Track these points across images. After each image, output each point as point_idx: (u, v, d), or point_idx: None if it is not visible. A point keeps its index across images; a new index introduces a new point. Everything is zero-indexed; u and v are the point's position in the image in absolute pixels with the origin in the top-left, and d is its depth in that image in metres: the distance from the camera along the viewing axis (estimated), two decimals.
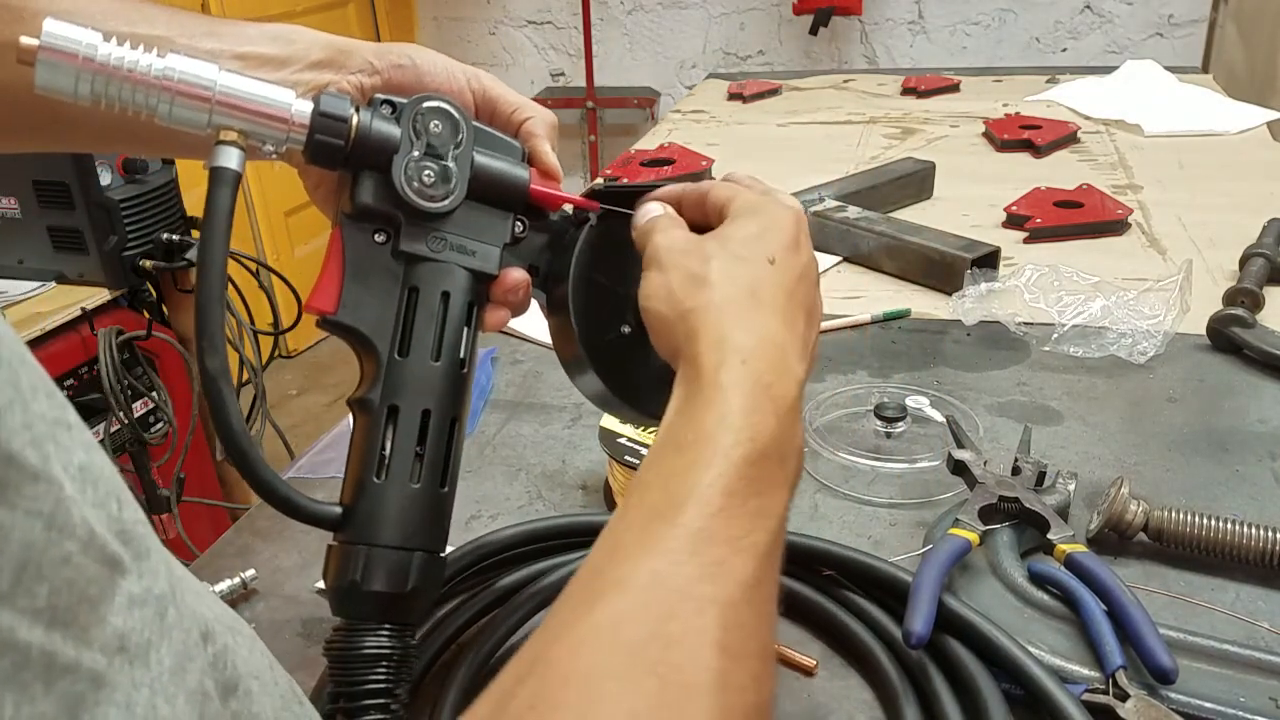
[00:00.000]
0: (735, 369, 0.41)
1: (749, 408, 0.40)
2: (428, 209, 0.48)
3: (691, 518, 0.37)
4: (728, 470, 0.38)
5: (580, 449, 0.81)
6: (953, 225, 1.16)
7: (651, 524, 0.37)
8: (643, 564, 0.36)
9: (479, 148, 0.50)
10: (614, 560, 0.37)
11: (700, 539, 0.36)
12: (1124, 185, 1.41)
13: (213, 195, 0.43)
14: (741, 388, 0.40)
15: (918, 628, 0.52)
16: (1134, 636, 0.53)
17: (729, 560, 0.36)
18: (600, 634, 0.34)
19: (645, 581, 0.35)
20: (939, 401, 0.83)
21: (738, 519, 0.37)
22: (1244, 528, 0.62)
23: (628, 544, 0.37)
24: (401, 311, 0.48)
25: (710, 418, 0.40)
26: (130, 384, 1.59)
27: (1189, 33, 3.11)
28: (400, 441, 0.46)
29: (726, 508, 0.37)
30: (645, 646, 0.34)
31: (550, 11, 3.66)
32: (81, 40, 0.40)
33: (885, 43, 3.37)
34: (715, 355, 0.41)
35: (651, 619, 0.34)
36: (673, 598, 0.35)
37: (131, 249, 1.60)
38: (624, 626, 0.34)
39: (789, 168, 1.51)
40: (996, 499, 0.64)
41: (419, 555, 0.46)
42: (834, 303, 1.08)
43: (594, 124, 3.56)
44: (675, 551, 0.36)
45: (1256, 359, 0.90)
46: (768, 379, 0.41)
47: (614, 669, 0.33)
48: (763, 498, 0.39)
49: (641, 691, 0.32)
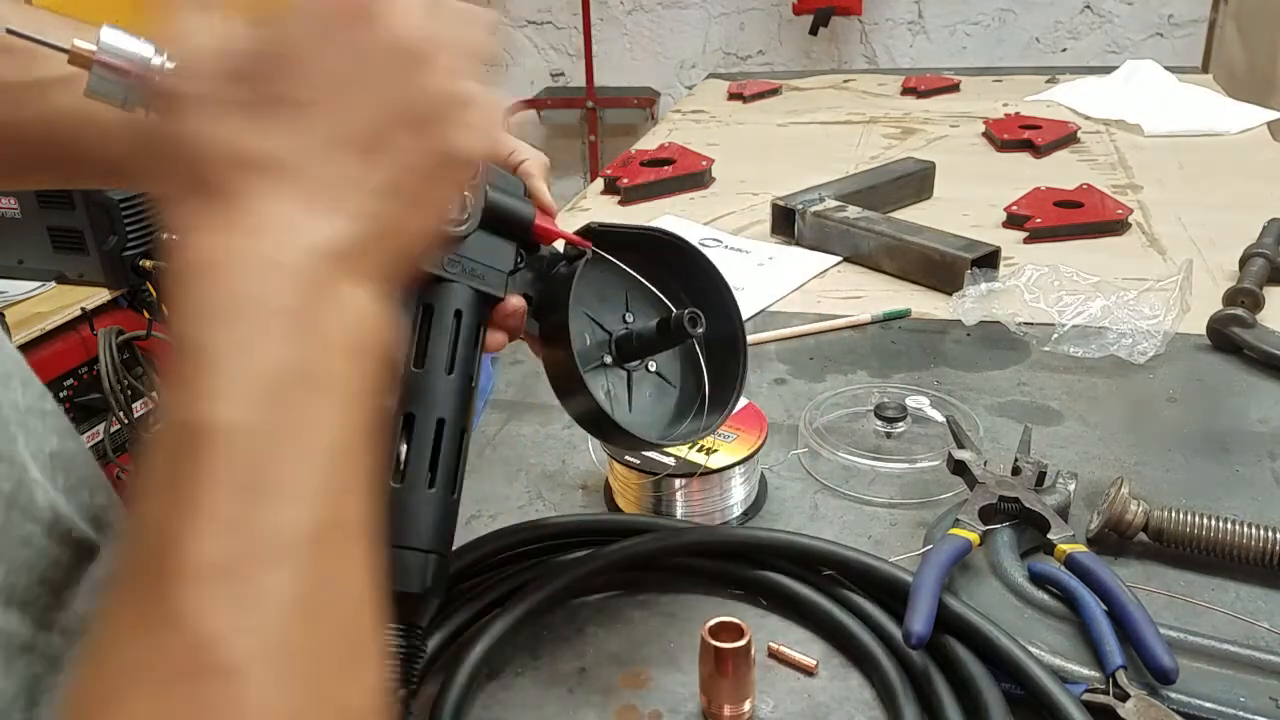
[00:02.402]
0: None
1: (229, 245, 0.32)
2: (447, 233, 0.50)
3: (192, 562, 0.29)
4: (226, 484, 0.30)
5: (580, 449, 0.81)
6: (953, 225, 1.16)
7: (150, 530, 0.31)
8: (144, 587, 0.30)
9: (489, 182, 0.53)
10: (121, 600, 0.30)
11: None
12: (1124, 185, 1.41)
13: None
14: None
15: (918, 628, 0.52)
16: (1134, 636, 0.53)
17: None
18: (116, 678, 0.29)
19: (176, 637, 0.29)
20: (939, 401, 0.83)
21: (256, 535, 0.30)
22: (1244, 528, 0.62)
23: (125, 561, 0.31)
24: (417, 326, 0.50)
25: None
26: (130, 384, 1.59)
27: (1189, 33, 3.11)
28: (416, 448, 0.48)
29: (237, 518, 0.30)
30: (168, 669, 0.28)
31: (550, 11, 3.66)
32: (136, 52, 0.40)
33: (885, 43, 3.37)
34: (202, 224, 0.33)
35: (166, 636, 0.28)
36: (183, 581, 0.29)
37: (131, 249, 1.60)
38: (136, 671, 0.29)
39: (789, 168, 1.51)
40: (996, 499, 0.64)
41: (433, 557, 0.48)
42: (834, 303, 1.08)
43: (594, 124, 3.56)
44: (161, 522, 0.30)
45: (1256, 359, 0.90)
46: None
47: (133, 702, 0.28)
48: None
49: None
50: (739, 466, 0.69)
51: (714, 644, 0.52)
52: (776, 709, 0.55)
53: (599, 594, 0.64)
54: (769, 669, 0.58)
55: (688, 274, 0.61)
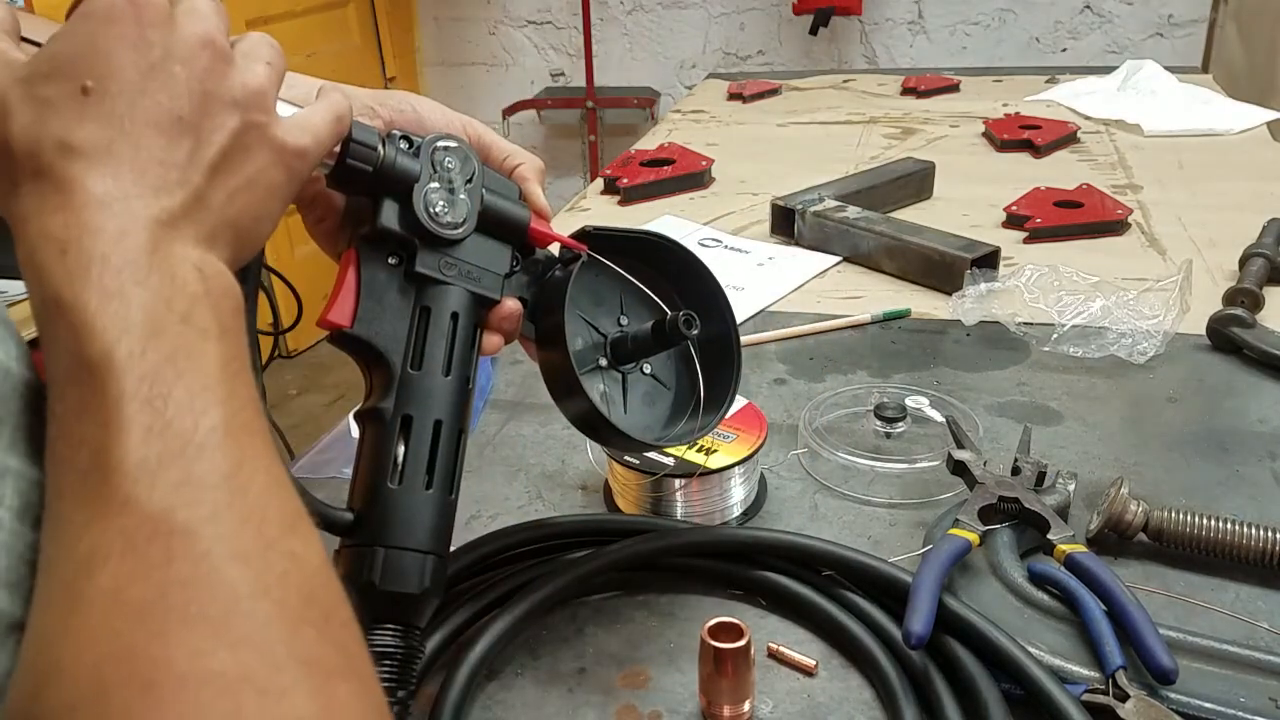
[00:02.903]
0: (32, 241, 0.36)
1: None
2: (444, 236, 0.51)
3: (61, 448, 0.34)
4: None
5: (580, 449, 0.81)
6: (953, 225, 1.16)
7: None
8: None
9: (485, 186, 0.53)
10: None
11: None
12: (1124, 185, 1.41)
13: None
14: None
15: (918, 628, 0.52)
16: (1134, 637, 0.53)
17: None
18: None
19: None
20: (939, 401, 0.83)
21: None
22: (1244, 528, 0.62)
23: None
24: (414, 329, 0.51)
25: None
26: None
27: (1189, 33, 3.10)
28: (414, 449, 0.49)
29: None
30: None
31: (550, 11, 3.66)
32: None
33: (885, 43, 3.37)
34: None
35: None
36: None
37: None
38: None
39: (789, 168, 1.51)
40: (996, 499, 0.64)
41: (431, 558, 0.48)
42: (834, 303, 1.08)
43: (594, 124, 3.56)
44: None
45: (1256, 359, 0.90)
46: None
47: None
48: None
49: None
50: (738, 467, 0.69)
51: (714, 644, 0.52)
52: (776, 709, 0.55)
53: (599, 594, 0.64)
54: (769, 669, 0.58)
55: (682, 276, 0.62)
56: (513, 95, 3.65)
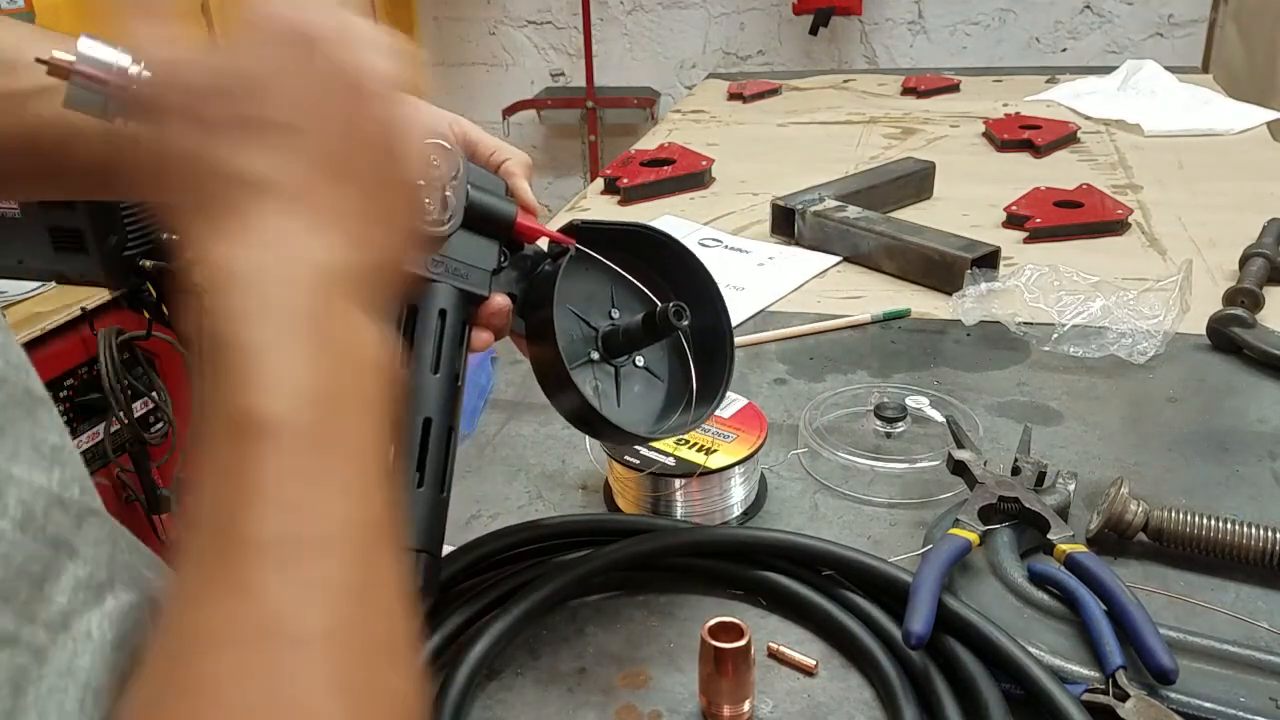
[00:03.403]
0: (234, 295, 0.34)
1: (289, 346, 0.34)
2: (429, 234, 0.51)
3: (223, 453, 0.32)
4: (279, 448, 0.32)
5: (580, 449, 0.81)
6: (953, 225, 1.16)
7: (214, 509, 0.32)
8: (212, 562, 0.31)
9: (470, 182, 0.53)
10: (191, 565, 0.32)
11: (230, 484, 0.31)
12: (1124, 185, 1.41)
13: None
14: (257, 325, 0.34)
15: (918, 628, 0.52)
16: (1134, 636, 0.53)
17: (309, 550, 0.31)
18: (200, 649, 0.30)
19: (231, 609, 0.31)
20: (939, 401, 0.83)
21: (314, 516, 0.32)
22: (1244, 528, 0.62)
23: (195, 530, 0.32)
24: (402, 328, 0.51)
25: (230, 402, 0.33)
26: (130, 384, 1.59)
27: (1189, 33, 3.10)
28: (404, 448, 0.48)
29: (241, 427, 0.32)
30: (232, 632, 0.30)
31: (550, 11, 3.66)
32: (114, 61, 0.40)
33: (885, 43, 3.37)
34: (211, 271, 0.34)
35: (240, 607, 0.30)
36: (244, 549, 0.30)
37: (131, 249, 1.60)
38: (226, 642, 0.30)
39: (789, 168, 1.51)
40: (996, 499, 0.64)
41: (423, 556, 0.48)
42: (834, 303, 1.08)
43: (594, 124, 3.56)
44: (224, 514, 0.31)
45: (1256, 359, 0.90)
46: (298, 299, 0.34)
47: (219, 686, 0.29)
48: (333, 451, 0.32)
49: (242, 675, 0.29)
50: (738, 466, 0.69)
51: (714, 644, 0.52)
52: (776, 709, 0.55)
53: (599, 594, 0.64)
54: (769, 669, 0.58)
55: (672, 269, 0.61)
56: (513, 95, 3.65)
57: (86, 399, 1.56)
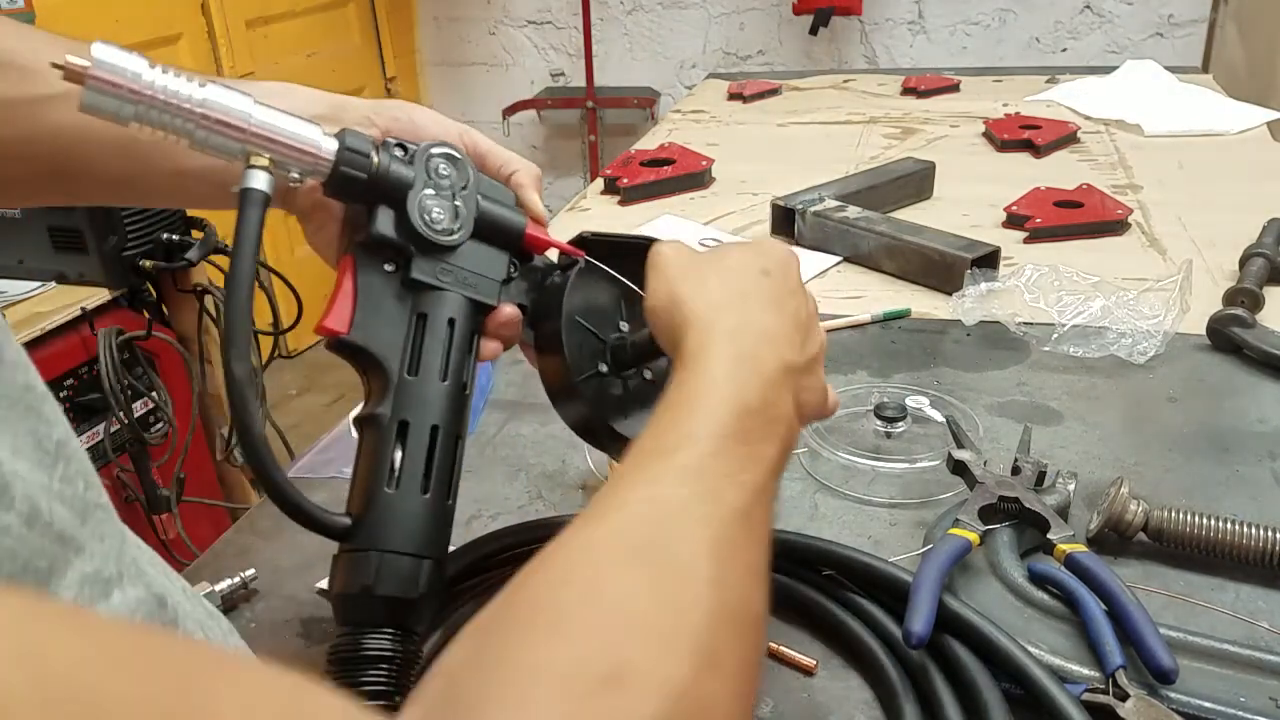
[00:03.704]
0: (720, 343, 0.46)
1: (733, 372, 0.44)
2: (440, 242, 0.51)
3: (684, 455, 0.41)
4: (716, 419, 0.42)
5: (580, 449, 0.81)
6: (953, 225, 1.16)
7: (646, 462, 0.41)
8: (639, 491, 0.40)
9: (480, 192, 0.53)
10: (611, 493, 0.40)
11: (693, 471, 0.40)
12: (1124, 185, 1.41)
13: (243, 214, 0.45)
14: (725, 356, 0.45)
15: (918, 628, 0.52)
16: (1134, 636, 0.53)
17: (721, 489, 0.40)
18: (600, 540, 0.38)
19: (642, 502, 0.39)
20: (939, 401, 0.83)
21: (727, 459, 0.41)
22: (1244, 528, 0.62)
23: (624, 480, 0.41)
24: (411, 335, 0.51)
25: (698, 381, 0.44)
26: (130, 384, 1.59)
27: (1189, 33, 3.10)
28: (411, 454, 0.49)
29: (717, 449, 0.41)
30: (644, 547, 0.37)
31: (550, 11, 3.66)
32: (128, 66, 0.42)
33: (885, 43, 3.37)
34: (702, 336, 0.46)
35: (649, 527, 0.38)
36: (668, 513, 0.39)
37: (131, 249, 1.60)
38: (624, 534, 0.38)
39: (789, 168, 1.51)
40: (996, 499, 0.64)
41: (427, 563, 0.48)
42: (834, 303, 1.08)
43: (594, 124, 3.56)
44: (670, 481, 0.40)
45: (1256, 359, 0.90)
46: (751, 351, 0.46)
47: (616, 561, 0.37)
48: (751, 446, 0.43)
49: (642, 576, 0.36)
50: None
51: None
52: (776, 709, 0.55)
53: None
54: (768, 669, 0.58)
55: None
56: (513, 95, 3.65)
57: (86, 399, 1.56)
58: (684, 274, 0.50)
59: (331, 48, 3.34)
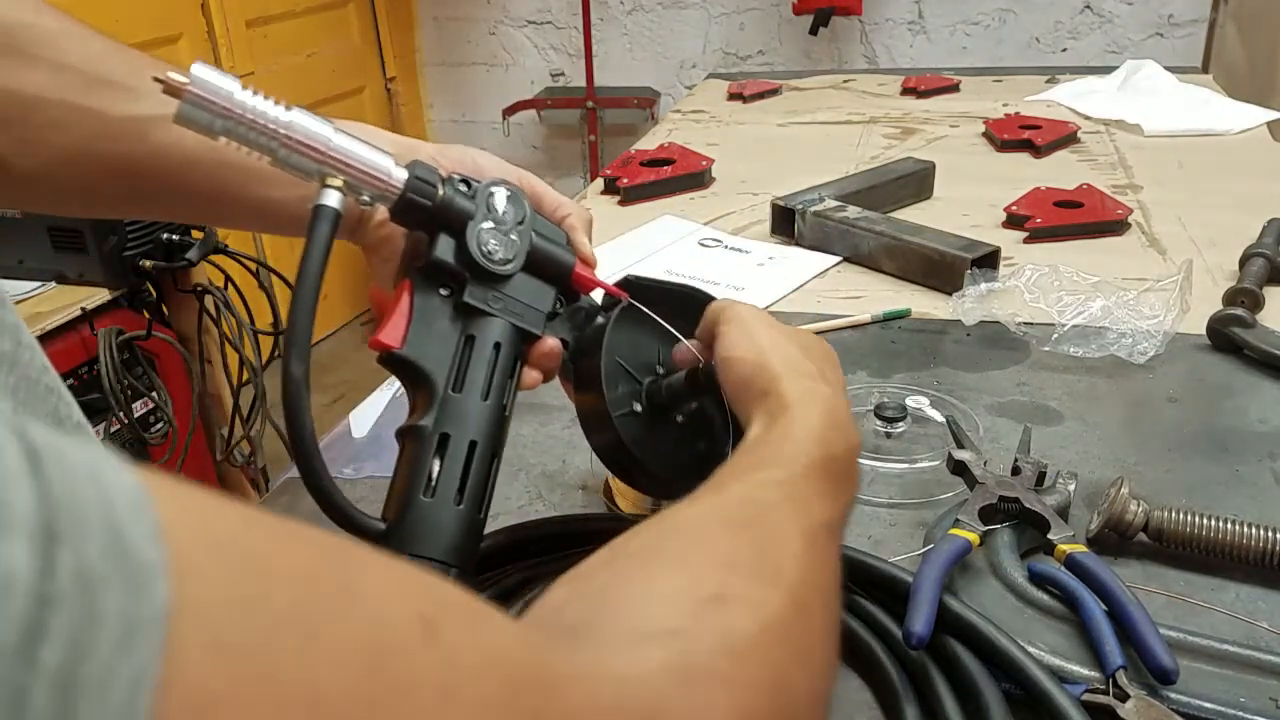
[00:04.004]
0: (815, 400, 0.49)
1: (826, 424, 0.47)
2: (494, 271, 0.54)
3: (777, 471, 0.44)
4: (808, 454, 0.45)
5: (580, 449, 0.81)
6: (953, 225, 1.16)
7: (739, 472, 0.44)
8: (733, 487, 0.43)
9: (535, 229, 0.57)
10: (704, 489, 0.44)
11: (784, 484, 0.43)
12: (1124, 185, 1.41)
13: (315, 228, 0.48)
14: (820, 411, 0.48)
15: (918, 628, 0.52)
16: (1134, 636, 0.53)
17: (809, 501, 0.43)
18: (698, 513, 0.41)
19: (738, 493, 0.43)
20: (939, 401, 0.83)
21: (815, 483, 0.44)
22: (1244, 528, 0.62)
23: (715, 481, 0.44)
24: (458, 354, 0.54)
25: (794, 426, 0.47)
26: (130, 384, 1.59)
27: (1189, 33, 3.10)
28: (448, 466, 0.51)
29: (807, 474, 0.44)
30: (742, 520, 0.41)
31: (550, 11, 3.66)
32: (223, 86, 0.46)
33: (885, 43, 3.37)
34: (798, 389, 0.49)
35: (746, 507, 0.42)
36: (763, 503, 0.42)
37: (131, 249, 1.60)
38: (722, 509, 0.41)
39: (789, 168, 1.51)
40: (996, 499, 0.64)
41: (454, 572, 0.50)
42: (834, 303, 1.08)
43: (594, 124, 3.56)
44: (762, 485, 0.43)
45: (1256, 359, 0.90)
46: (839, 416, 0.49)
47: (715, 525, 0.40)
48: (834, 483, 0.46)
49: (741, 538, 0.39)
50: None
51: None
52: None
53: None
54: None
55: None
56: (513, 95, 3.65)
57: (86, 399, 1.56)
58: (765, 332, 0.53)
59: (331, 48, 3.34)
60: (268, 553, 0.22)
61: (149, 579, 0.18)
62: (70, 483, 0.18)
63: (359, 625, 0.23)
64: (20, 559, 0.16)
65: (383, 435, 0.86)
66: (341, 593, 0.23)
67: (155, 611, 0.18)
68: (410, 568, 0.27)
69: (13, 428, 0.18)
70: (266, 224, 0.62)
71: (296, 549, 0.23)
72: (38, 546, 0.16)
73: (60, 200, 0.61)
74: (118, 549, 0.18)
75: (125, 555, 0.18)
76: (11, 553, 0.16)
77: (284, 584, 0.22)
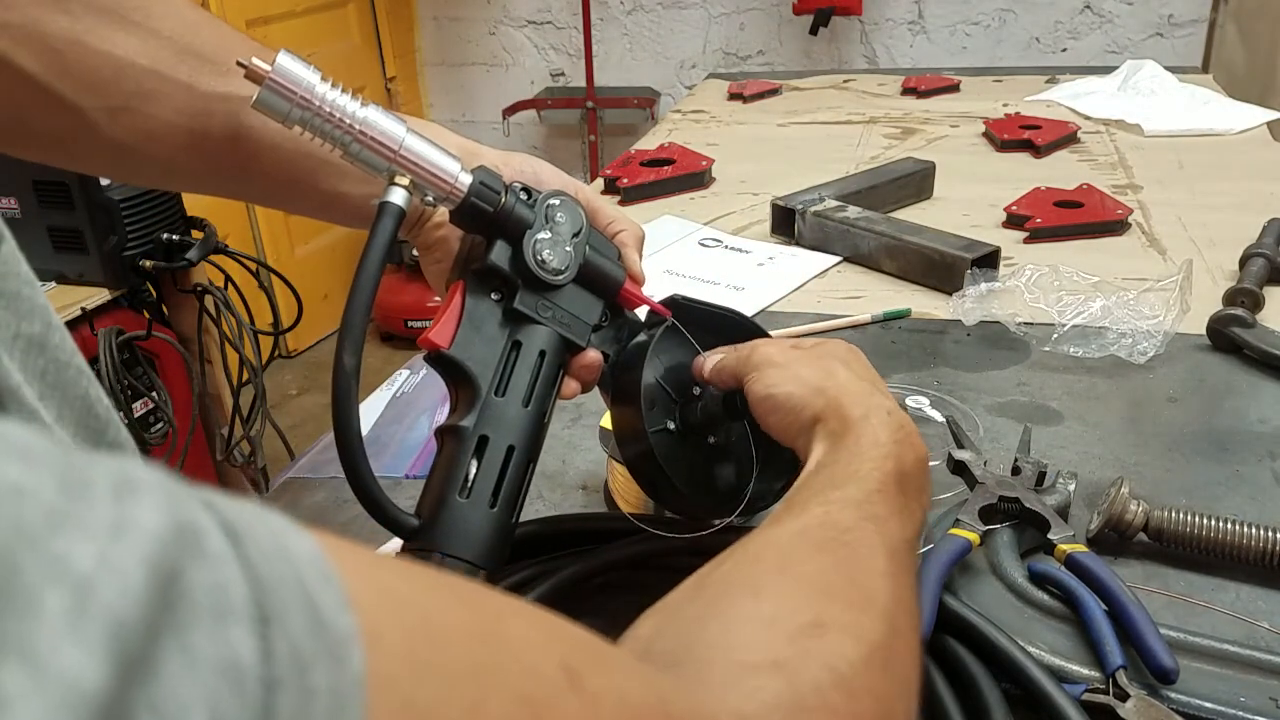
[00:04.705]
0: (881, 416, 0.49)
1: (895, 438, 0.48)
2: (546, 280, 0.55)
3: (853, 489, 0.44)
4: (881, 470, 0.46)
5: (580, 449, 0.81)
6: (953, 225, 1.16)
7: (816, 493, 0.45)
8: (813, 509, 0.43)
9: (588, 243, 0.58)
10: (783, 510, 0.44)
11: (861, 501, 0.44)
12: (1124, 185, 1.41)
13: (379, 224, 0.49)
14: (888, 427, 0.48)
15: None
16: (1134, 636, 0.53)
17: (885, 519, 0.44)
18: (781, 536, 0.42)
19: (818, 513, 0.43)
20: (939, 401, 0.83)
21: (889, 499, 0.45)
22: (1244, 528, 0.62)
23: (794, 502, 0.45)
24: (504, 359, 0.54)
25: (863, 442, 0.47)
26: (130, 384, 1.59)
27: (1189, 33, 3.11)
28: (485, 468, 0.52)
29: (882, 489, 0.45)
30: (826, 542, 0.41)
31: (550, 11, 3.66)
32: (304, 77, 0.46)
33: (885, 43, 3.37)
34: (861, 409, 0.49)
35: (827, 530, 0.42)
36: (843, 524, 0.42)
37: (131, 249, 1.60)
38: (805, 533, 0.42)
39: (789, 168, 1.51)
40: (996, 499, 0.64)
41: (482, 573, 0.50)
42: (834, 303, 1.08)
43: (594, 124, 3.56)
44: (840, 505, 0.43)
45: (1256, 359, 0.90)
46: (906, 430, 0.49)
47: (801, 548, 0.41)
48: (907, 499, 0.46)
49: (827, 559, 0.40)
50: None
51: None
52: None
53: (598, 594, 0.64)
54: None
55: None
56: (513, 95, 3.65)
57: None
58: (799, 361, 0.54)
59: (331, 48, 3.34)
60: (437, 611, 0.23)
61: (347, 650, 0.19)
62: (268, 560, 0.18)
63: (514, 678, 0.24)
64: (245, 646, 0.16)
65: (382, 435, 0.86)
66: (499, 646, 0.24)
67: (355, 680, 0.18)
68: (541, 612, 0.28)
69: (202, 502, 0.18)
70: (331, 214, 0.62)
71: (455, 605, 0.24)
72: (256, 630, 0.17)
73: (142, 170, 0.61)
74: (317, 623, 0.18)
75: (324, 628, 0.18)
76: (239, 640, 0.16)
77: (454, 644, 0.23)
